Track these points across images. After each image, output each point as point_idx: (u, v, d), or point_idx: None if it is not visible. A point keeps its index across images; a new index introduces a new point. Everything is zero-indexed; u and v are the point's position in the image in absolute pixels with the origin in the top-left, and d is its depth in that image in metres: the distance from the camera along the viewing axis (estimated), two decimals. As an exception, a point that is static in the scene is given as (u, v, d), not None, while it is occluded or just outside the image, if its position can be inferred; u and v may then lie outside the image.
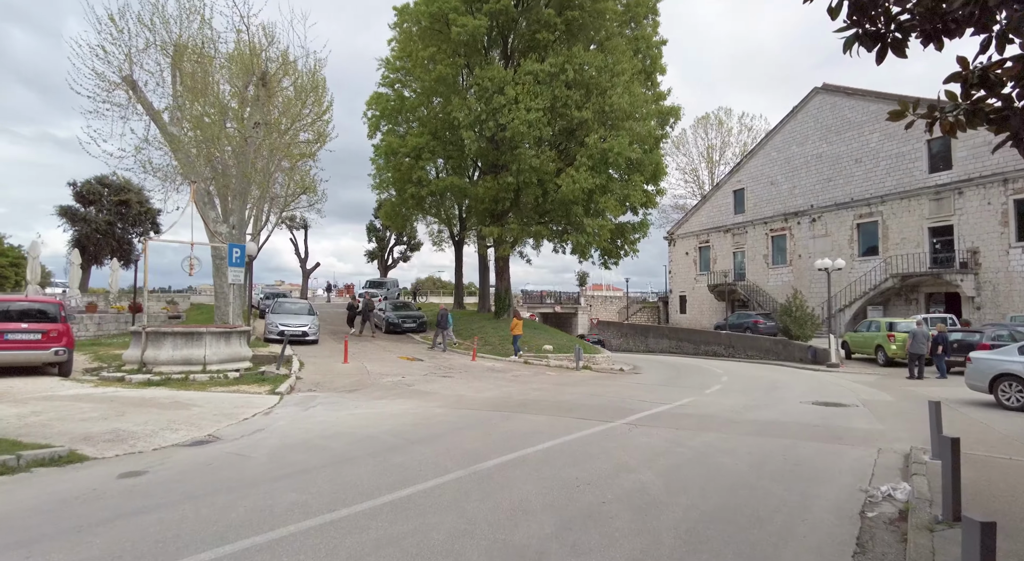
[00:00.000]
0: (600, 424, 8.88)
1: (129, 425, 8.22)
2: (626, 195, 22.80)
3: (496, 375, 15.99)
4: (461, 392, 12.66)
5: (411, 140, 23.84)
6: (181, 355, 12.82)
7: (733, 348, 33.79)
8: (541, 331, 24.23)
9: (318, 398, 11.33)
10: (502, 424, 8.78)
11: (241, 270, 15.49)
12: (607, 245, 24.06)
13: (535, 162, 21.32)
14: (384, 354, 19.64)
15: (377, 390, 12.58)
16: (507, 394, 12.47)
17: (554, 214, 23.45)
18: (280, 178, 33.89)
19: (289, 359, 16.19)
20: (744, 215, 43.37)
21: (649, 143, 23.83)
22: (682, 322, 48.79)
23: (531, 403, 11.17)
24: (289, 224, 50.16)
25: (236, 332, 13.87)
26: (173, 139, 19.02)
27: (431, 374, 15.49)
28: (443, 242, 39.29)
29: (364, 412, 9.97)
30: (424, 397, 11.75)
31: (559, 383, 14.97)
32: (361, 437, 7.78)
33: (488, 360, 19.54)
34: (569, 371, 18.29)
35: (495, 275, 26.65)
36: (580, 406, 10.85)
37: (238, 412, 9.59)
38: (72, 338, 12.30)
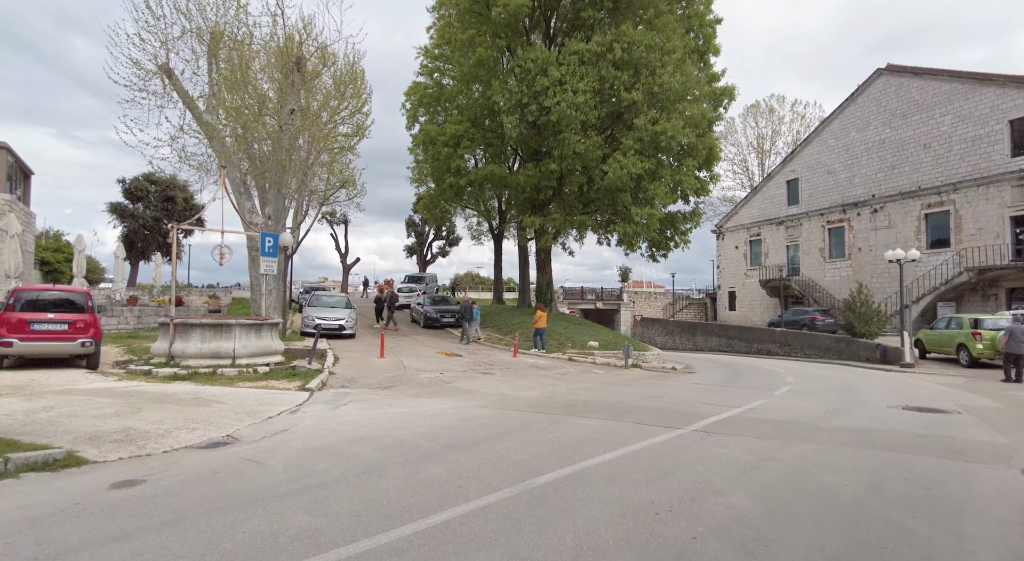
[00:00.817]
0: (665, 431, 7.70)
1: (142, 423, 7.48)
2: (677, 181, 21.37)
3: (540, 372, 14.91)
4: (503, 390, 11.64)
5: (449, 128, 22.94)
6: (209, 348, 12.19)
7: (789, 346, 31.84)
8: (586, 327, 23.04)
9: (350, 395, 10.48)
10: (552, 429, 7.69)
11: (274, 260, 14.84)
12: (655, 236, 22.65)
13: (580, 147, 20.11)
14: (422, 349, 18.81)
15: (413, 387, 11.67)
16: (553, 394, 11.38)
17: (599, 203, 22.19)
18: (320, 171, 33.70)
19: (323, 353, 15.48)
20: (798, 206, 41.08)
21: (702, 126, 22.30)
22: (731, 319, 46.74)
23: (581, 404, 10.05)
24: (330, 219, 50.27)
25: (267, 324, 13.19)
26: (208, 127, 18.59)
27: (470, 370, 14.53)
28: (482, 236, 38.43)
29: (398, 412, 9.04)
30: (463, 396, 10.78)
31: (609, 382, 13.79)
32: (392, 441, 6.82)
33: (530, 356, 18.48)
34: (617, 369, 17.07)
35: (536, 268, 25.56)
36: (637, 409, 9.67)
37: (262, 410, 8.78)
38: (99, 329, 11.80)
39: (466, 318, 21.56)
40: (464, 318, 21.59)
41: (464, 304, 22.07)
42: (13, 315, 11.00)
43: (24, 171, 27.99)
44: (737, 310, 47.37)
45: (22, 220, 26.76)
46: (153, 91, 18.25)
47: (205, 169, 19.26)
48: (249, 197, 19.73)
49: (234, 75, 19.44)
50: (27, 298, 11.32)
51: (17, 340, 10.84)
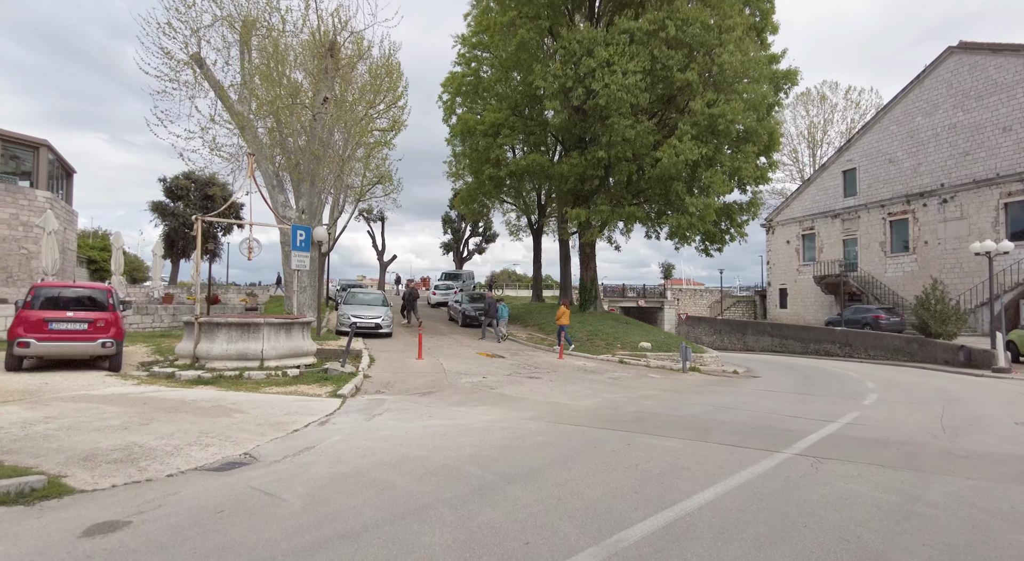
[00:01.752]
0: (764, 455, 6.32)
1: (150, 438, 6.50)
2: (736, 169, 19.70)
3: (591, 377, 13.60)
4: (555, 398, 10.39)
5: (489, 116, 21.77)
6: (236, 349, 11.28)
7: (850, 347, 29.68)
8: (635, 327, 21.58)
9: (386, 402, 9.39)
10: (624, 452, 6.40)
11: (306, 255, 13.92)
12: (710, 228, 21.01)
13: (630, 133, 18.66)
14: (461, 349, 17.70)
15: (455, 393, 10.52)
16: (612, 403, 10.07)
17: (650, 193, 20.70)
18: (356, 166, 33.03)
19: (358, 354, 14.51)
20: (856, 198, 38.55)
21: (762, 109, 20.57)
22: (782, 317, 44.40)
23: (648, 417, 8.72)
24: (367, 216, 49.86)
25: (298, 324, 12.24)
26: (240, 117, 17.86)
27: (515, 374, 13.32)
28: (520, 231, 37.22)
29: (440, 423, 7.88)
30: (511, 404, 9.57)
31: (670, 389, 12.39)
32: (435, 467, 5.64)
33: (577, 358, 17.17)
34: (674, 373, 15.63)
35: (579, 264, 24.17)
36: (716, 424, 8.29)
37: (288, 421, 7.74)
38: (121, 328, 11.01)
39: (490, 315, 20.66)
40: (488, 315, 20.67)
41: (488, 300, 21.18)
42: (32, 313, 10.29)
43: (66, 170, 28.02)
44: (789, 308, 45.00)
45: (64, 218, 26.78)
46: (184, 81, 17.61)
47: (236, 160, 18.59)
48: (282, 190, 18.97)
49: (267, 65, 18.71)
50: (46, 295, 10.61)
51: (35, 340, 10.12)
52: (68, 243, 27.74)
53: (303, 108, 18.18)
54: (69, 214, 27.70)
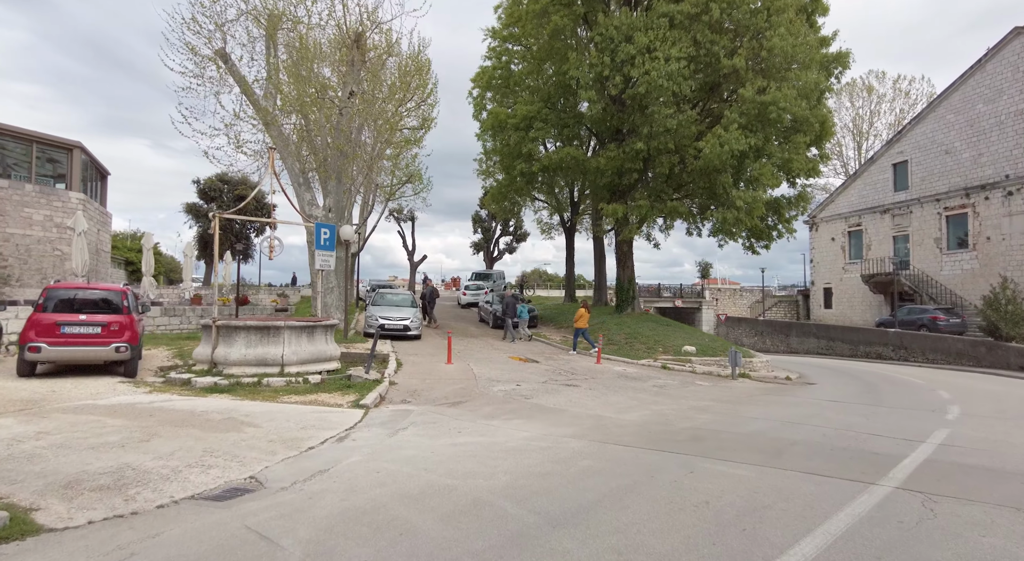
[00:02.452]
0: (856, 488, 5.25)
1: (147, 458, 5.78)
2: (786, 160, 18.36)
3: (633, 385, 12.56)
4: (596, 410, 9.42)
5: (520, 109, 20.84)
6: (255, 354, 10.62)
7: (906, 350, 27.87)
8: (676, 329, 20.38)
9: (412, 414, 8.56)
10: (688, 483, 5.41)
11: (331, 254, 13.23)
12: (757, 224, 19.67)
13: (671, 123, 17.52)
14: (493, 353, 16.83)
15: (487, 404, 9.64)
16: (662, 417, 9.05)
17: (693, 187, 19.50)
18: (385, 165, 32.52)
19: (384, 359, 13.76)
20: (908, 192, 36.42)
21: (813, 97, 19.17)
22: (827, 318, 42.39)
23: (707, 435, 7.68)
24: (396, 216, 49.52)
25: (320, 327, 11.53)
26: (265, 113, 17.33)
27: (551, 381, 12.37)
28: (552, 230, 36.27)
29: (470, 441, 7.00)
30: (549, 417, 8.63)
31: (723, 399, 11.28)
32: (465, 502, 4.75)
33: (616, 363, 16.12)
34: (723, 380, 14.47)
35: (616, 263, 23.08)
36: (787, 445, 7.21)
37: (303, 437, 6.97)
38: (136, 332, 10.45)
39: (508, 314, 19.96)
40: (507, 314, 19.96)
41: (507, 299, 20.41)
42: (44, 316, 9.79)
43: (100, 171, 28.17)
44: (834, 308, 42.95)
45: (97, 220, 26.88)
46: (209, 77, 17.19)
47: (261, 158, 18.09)
48: (309, 188, 18.40)
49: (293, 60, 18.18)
50: (58, 297, 10.10)
51: (46, 345, 9.60)
52: (102, 244, 27.87)
53: (329, 103, 17.58)
54: (102, 215, 27.82)
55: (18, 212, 22.00)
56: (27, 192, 22.31)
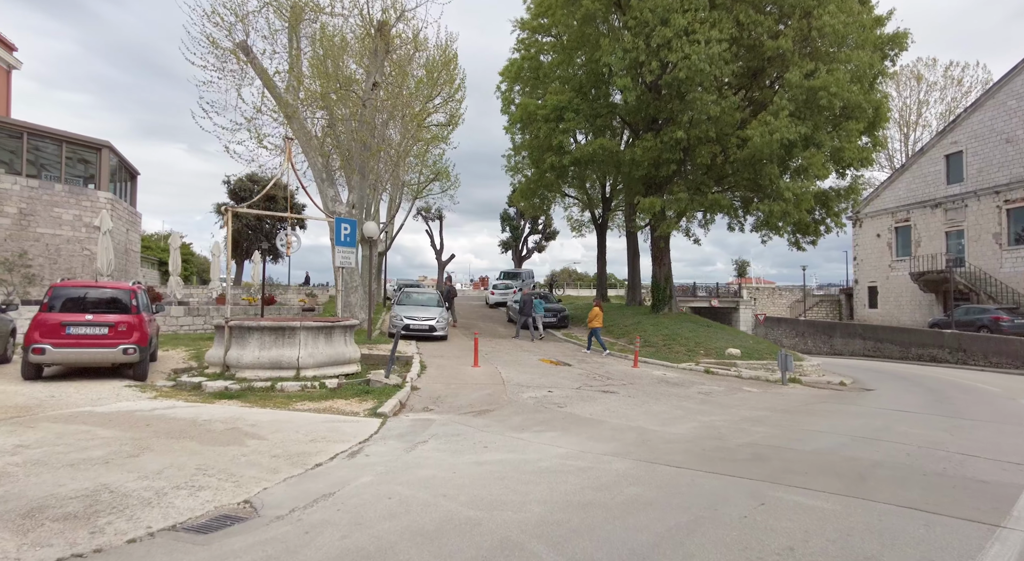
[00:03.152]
0: (980, 532, 4.22)
1: (130, 478, 5.07)
2: (837, 149, 17.04)
3: (676, 392, 11.54)
4: (639, 421, 8.46)
5: (551, 99, 19.91)
6: (269, 357, 9.95)
7: (964, 353, 26.03)
8: (717, 331, 19.20)
9: (433, 425, 7.74)
10: (761, 520, 4.44)
11: (351, 251, 12.55)
12: (804, 217, 18.36)
13: (714, 110, 16.39)
14: (522, 355, 15.96)
15: (516, 412, 8.77)
16: (714, 430, 8.04)
17: (736, 178, 18.29)
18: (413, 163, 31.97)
19: (408, 361, 13.01)
20: (962, 184, 34.30)
21: (867, 80, 17.80)
22: (871, 318, 40.37)
23: (769, 453, 6.67)
24: (425, 215, 49.07)
25: (339, 327, 10.81)
26: (287, 106, 16.80)
27: (586, 387, 11.43)
28: (583, 227, 35.21)
29: (497, 459, 6.15)
30: (586, 430, 7.72)
31: (777, 408, 10.19)
32: (491, 542, 3.89)
33: (655, 367, 15.08)
34: (772, 385, 13.33)
35: (651, 260, 21.96)
36: (868, 467, 6.16)
37: (311, 451, 6.22)
38: (146, 333, 9.88)
39: (526, 312, 19.59)
40: (524, 312, 19.64)
41: (524, 297, 20.18)
42: (49, 316, 9.29)
43: (130, 172, 28.22)
44: (879, 308, 40.90)
45: (126, 219, 26.90)
46: (230, 70, 16.75)
47: (282, 152, 17.58)
48: (332, 184, 17.83)
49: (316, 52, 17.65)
50: (64, 296, 9.60)
51: (51, 346, 9.09)
52: (131, 244, 27.91)
53: (353, 96, 16.96)
54: (132, 215, 27.85)
55: (48, 212, 22.02)
56: (56, 192, 22.32)
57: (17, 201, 21.08)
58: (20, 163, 21.86)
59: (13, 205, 21.03)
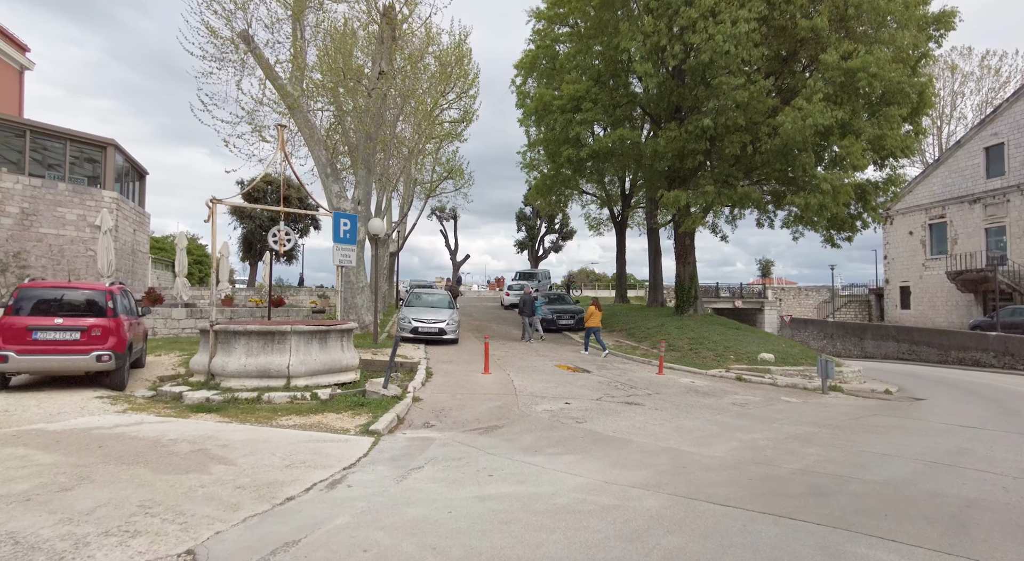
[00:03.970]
0: None
1: (48, 522, 4.12)
2: (877, 136, 15.72)
3: (708, 402, 10.39)
4: (670, 440, 7.35)
5: (567, 89, 18.82)
6: (256, 364, 9.03)
7: (1012, 357, 24.42)
8: (746, 333, 17.94)
9: (432, 446, 6.72)
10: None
11: (352, 249, 11.61)
12: (841, 211, 17.03)
13: (741, 95, 15.19)
14: (537, 360, 14.90)
15: (528, 429, 7.71)
16: (758, 451, 6.92)
17: (767, 169, 17.04)
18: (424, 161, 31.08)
19: (413, 368, 12.03)
20: (1004, 178, 32.59)
21: (910, 62, 16.47)
22: (903, 319, 38.66)
23: (831, 485, 5.53)
24: (439, 215, 48.25)
25: (335, 331, 9.86)
26: (290, 98, 15.96)
27: (607, 397, 10.33)
28: (601, 225, 34.05)
29: (504, 492, 5.12)
30: (609, 452, 6.64)
31: (825, 423, 9.00)
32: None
33: (682, 373, 13.91)
34: (813, 394, 12.10)
35: (675, 258, 20.73)
36: (963, 506, 5.00)
37: (284, 481, 5.25)
38: (124, 338, 9.02)
39: (526, 312, 19.04)
40: (524, 312, 19.11)
41: (523, 297, 19.66)
42: (15, 320, 8.46)
43: (138, 171, 27.70)
44: (912, 308, 39.18)
45: (133, 219, 26.36)
46: (230, 61, 15.96)
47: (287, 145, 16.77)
48: (337, 179, 16.95)
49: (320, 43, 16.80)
50: (33, 298, 8.77)
51: (14, 353, 8.26)
52: (139, 245, 27.38)
53: (357, 84, 16.05)
54: (139, 216, 27.32)
55: (51, 212, 21.48)
56: (60, 191, 21.79)
57: (19, 200, 20.55)
58: (24, 161, 21.32)
59: (15, 205, 20.49)
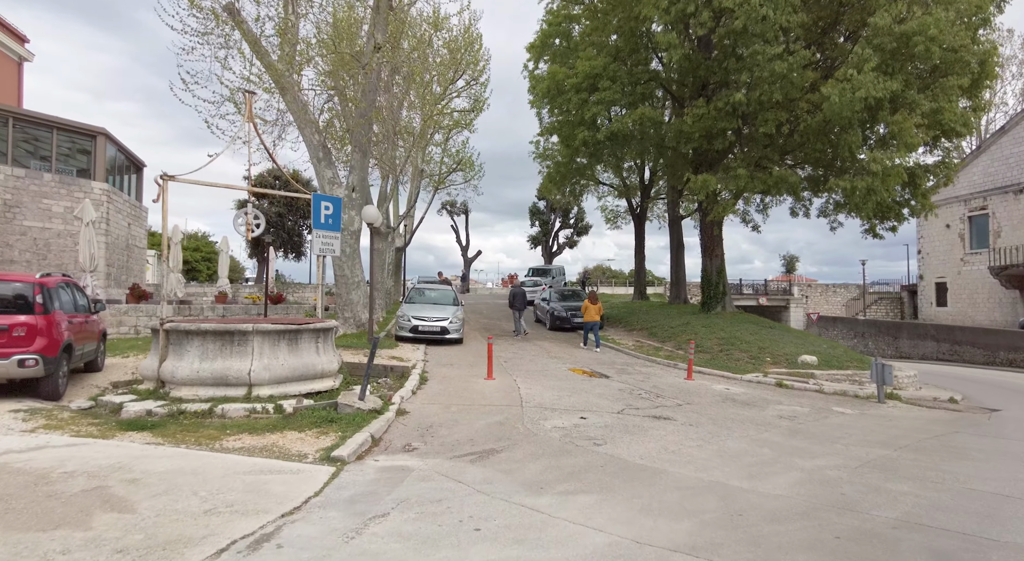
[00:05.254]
0: None
1: None
2: (933, 111, 13.90)
3: (750, 415, 8.74)
4: (713, 470, 5.76)
5: (582, 65, 17.16)
6: (211, 370, 7.58)
7: (1070, 359, 22.31)
8: (781, 332, 16.18)
9: (407, 480, 5.19)
10: None
11: (335, 236, 10.13)
12: (888, 196, 15.19)
13: (779, 66, 13.45)
14: (548, 362, 13.33)
15: (534, 455, 6.14)
16: (829, 486, 5.30)
17: (807, 150, 15.26)
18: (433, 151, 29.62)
19: (405, 373, 10.54)
20: (1052, 166, 30.34)
21: (972, 26, 14.61)
22: (940, 317, 36.43)
23: (958, 552, 3.92)
24: (450, 209, 46.82)
25: (308, 331, 8.38)
26: (279, 75, 14.55)
27: (629, 409, 8.73)
28: (618, 218, 32.35)
29: (491, 560, 3.58)
30: (638, 490, 5.06)
31: (898, 443, 7.32)
32: None
33: (714, 378, 12.24)
34: (868, 403, 10.40)
35: (701, 250, 18.98)
36: None
37: (191, 539, 3.77)
38: (57, 338, 7.62)
39: (517, 306, 18.03)
40: (515, 306, 18.11)
41: (514, 289, 18.69)
42: (-76, 318, 7.06)
43: (135, 163, 26.57)
44: (949, 306, 36.94)
45: (127, 213, 25.19)
46: (214, 35, 14.58)
47: (276, 126, 15.37)
48: (330, 164, 15.51)
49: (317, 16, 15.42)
50: (-56, 291, 7.37)
51: (-83, 357, 6.85)
52: (134, 240, 26.25)
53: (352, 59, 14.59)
54: (135, 209, 26.16)
55: (36, 204, 20.35)
56: (46, 182, 20.66)
57: (0, 191, 19.41)
58: (7, 150, 20.17)
59: (-4, 196, 19.37)
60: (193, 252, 52.60)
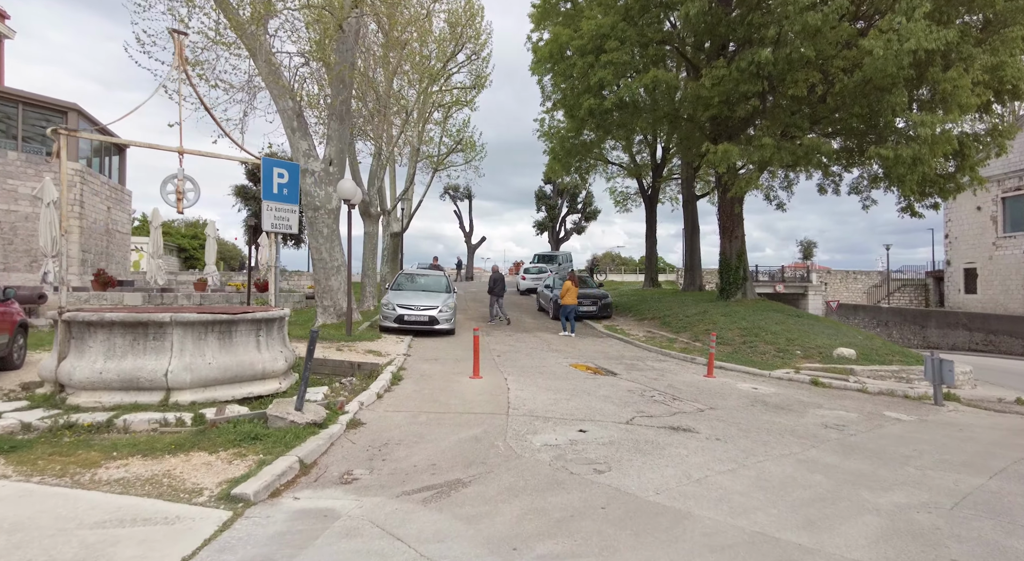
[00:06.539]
0: None
1: None
2: (993, 66, 12.05)
3: (787, 422, 7.12)
4: (755, 513, 4.15)
5: (587, 24, 15.40)
6: (118, 370, 6.08)
7: (1123, 350, 20.42)
8: (808, 322, 14.46)
9: (325, 534, 3.64)
10: None
11: (290, 209, 8.57)
12: (935, 168, 13.39)
13: (812, 18, 11.65)
14: (547, 355, 11.75)
15: (511, 492, 4.56)
16: (933, 548, 3.69)
17: (843, 115, 13.44)
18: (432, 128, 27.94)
19: (374, 371, 9.00)
20: (1097, 142, 28.15)
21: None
22: (969, 304, 34.45)
23: None
24: (452, 194, 45.19)
25: (246, 322, 6.84)
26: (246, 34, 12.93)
27: (641, 417, 7.13)
28: (628, 200, 30.58)
29: None
30: (655, 553, 3.48)
31: (989, 466, 5.69)
32: None
33: (739, 376, 10.60)
34: (923, 405, 8.77)
35: (720, 232, 17.22)
36: None
37: None
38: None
39: (496, 292, 17.40)
40: (494, 292, 17.48)
41: (494, 274, 17.85)
42: None
43: (116, 144, 25.05)
44: (979, 293, 34.91)
45: (106, 196, 23.78)
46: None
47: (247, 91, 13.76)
48: (305, 135, 13.93)
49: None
50: None
51: None
52: (115, 225, 24.85)
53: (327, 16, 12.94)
54: (115, 192, 24.73)
55: (0, 185, 19.00)
56: (10, 161, 19.28)
57: (-40, 172, 18.02)
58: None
59: (-45, 176, 17.99)
60: (191, 240, 51.40)
